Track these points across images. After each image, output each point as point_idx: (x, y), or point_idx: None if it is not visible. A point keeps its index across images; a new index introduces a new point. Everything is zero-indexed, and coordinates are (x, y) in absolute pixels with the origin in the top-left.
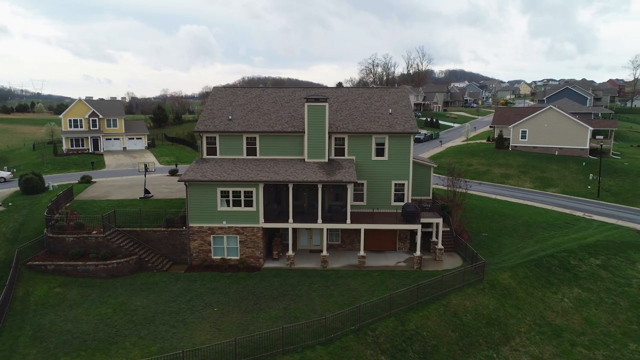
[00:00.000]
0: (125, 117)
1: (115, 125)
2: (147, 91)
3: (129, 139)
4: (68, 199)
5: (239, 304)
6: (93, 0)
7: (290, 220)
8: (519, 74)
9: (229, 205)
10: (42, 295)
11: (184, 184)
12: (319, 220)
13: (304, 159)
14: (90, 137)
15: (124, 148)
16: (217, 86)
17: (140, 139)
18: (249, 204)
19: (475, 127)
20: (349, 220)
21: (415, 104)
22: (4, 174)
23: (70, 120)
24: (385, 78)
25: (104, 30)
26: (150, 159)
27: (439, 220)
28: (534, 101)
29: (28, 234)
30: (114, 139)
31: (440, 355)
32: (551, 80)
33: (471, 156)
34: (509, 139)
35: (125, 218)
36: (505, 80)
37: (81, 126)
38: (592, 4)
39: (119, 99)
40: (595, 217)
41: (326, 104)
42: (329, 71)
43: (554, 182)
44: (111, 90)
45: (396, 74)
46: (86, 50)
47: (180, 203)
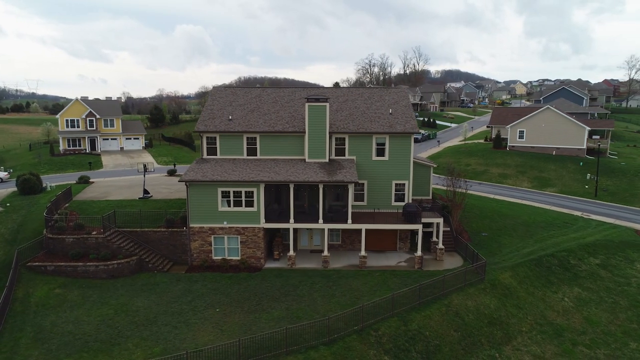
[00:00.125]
0: (123, 117)
1: (112, 125)
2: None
3: (127, 139)
4: (67, 200)
5: (241, 304)
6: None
7: (291, 220)
8: (515, 74)
9: (229, 206)
10: (43, 296)
11: (183, 184)
12: (320, 220)
13: (305, 159)
14: (88, 137)
15: (122, 148)
16: (217, 86)
17: (138, 139)
18: (249, 204)
19: (472, 127)
20: (350, 220)
21: (412, 104)
22: (1, 174)
23: (67, 120)
24: (382, 78)
25: (100, 30)
26: (148, 159)
27: (439, 220)
28: (530, 101)
29: (27, 235)
30: (111, 139)
31: (443, 355)
32: (547, 80)
33: (469, 156)
34: (506, 139)
35: (125, 218)
36: (501, 80)
37: (78, 126)
38: (587, 5)
39: (114, 99)
40: (594, 217)
41: (327, 104)
42: (326, 71)
43: (551, 182)
44: (106, 90)
45: (393, 74)
46: (81, 50)
47: (180, 203)
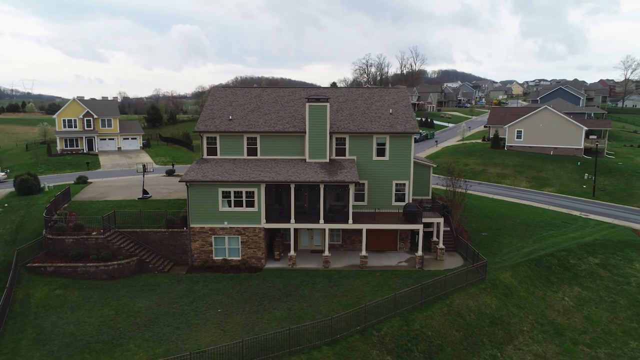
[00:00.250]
0: (120, 117)
1: (109, 125)
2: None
3: (124, 139)
4: (66, 200)
5: (242, 304)
6: None
7: (292, 220)
8: (511, 74)
9: (230, 206)
10: (43, 297)
11: (182, 185)
12: (321, 220)
13: (305, 159)
14: (85, 137)
15: (119, 148)
16: (217, 86)
17: (135, 139)
18: (250, 204)
19: (469, 127)
20: (350, 220)
21: None
22: None
23: (64, 120)
24: (379, 78)
25: (95, 30)
26: (146, 160)
27: (440, 220)
28: (526, 101)
29: (26, 236)
30: (109, 139)
31: (446, 354)
32: (542, 80)
33: (467, 156)
34: (504, 139)
35: (125, 219)
36: (497, 80)
37: (75, 126)
38: (582, 5)
39: (110, 99)
40: (592, 217)
41: (327, 104)
42: (322, 71)
43: (549, 182)
44: (102, 89)
45: (390, 74)
46: (77, 50)
47: (179, 203)
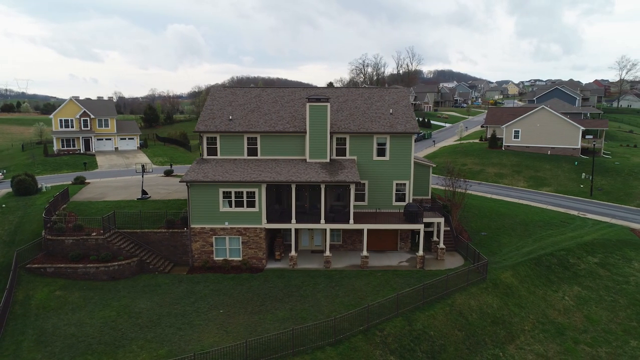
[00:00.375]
0: (117, 117)
1: (106, 125)
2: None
3: (121, 139)
4: (64, 201)
5: (244, 305)
6: None
7: (293, 220)
8: (506, 75)
9: (231, 206)
10: (43, 298)
11: (181, 185)
12: (322, 220)
13: (306, 159)
14: (82, 138)
15: (116, 148)
16: (216, 86)
17: (133, 139)
18: (251, 204)
19: (466, 127)
20: (351, 220)
21: None
22: None
23: (61, 120)
24: (375, 78)
25: (90, 29)
26: (144, 160)
27: (440, 220)
28: (523, 101)
29: (25, 237)
30: (106, 139)
31: (449, 354)
32: (538, 80)
33: (465, 156)
34: (502, 139)
35: (125, 219)
36: (493, 80)
37: (72, 126)
38: (577, 6)
39: (106, 99)
40: (590, 216)
41: (328, 104)
42: (318, 71)
43: (547, 181)
44: (97, 89)
45: (386, 74)
46: (71, 49)
47: (179, 204)
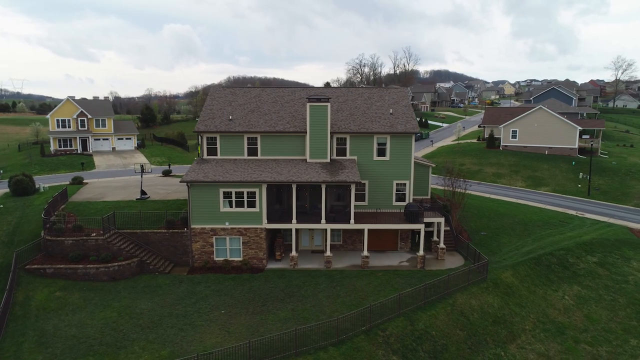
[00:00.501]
0: (114, 117)
1: (104, 125)
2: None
3: (118, 139)
4: (63, 201)
5: (246, 305)
6: None
7: (294, 221)
8: (502, 75)
9: (231, 206)
10: (43, 299)
11: (180, 185)
12: (323, 220)
13: (306, 159)
14: (79, 138)
15: (113, 148)
16: (216, 86)
17: (130, 139)
18: (252, 204)
19: (464, 127)
20: (352, 220)
21: None
22: None
23: (57, 120)
24: (372, 78)
25: (85, 29)
26: (141, 160)
27: (441, 220)
28: (519, 101)
29: (24, 237)
30: (103, 139)
31: (451, 354)
32: (534, 80)
33: (463, 156)
34: (499, 139)
35: (124, 220)
36: (489, 80)
37: (69, 126)
38: (573, 6)
39: (102, 99)
40: (588, 216)
41: (328, 104)
42: (314, 71)
43: (545, 181)
44: (93, 89)
45: (383, 74)
46: (67, 49)
47: (178, 204)
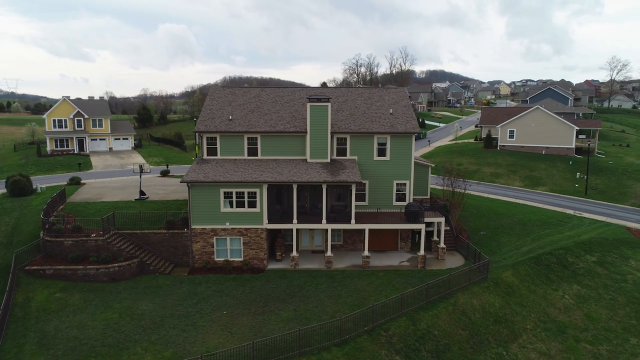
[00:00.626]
0: (111, 117)
1: (100, 125)
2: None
3: (115, 139)
4: (61, 201)
5: (247, 306)
6: None
7: (295, 221)
8: (498, 75)
9: (232, 207)
10: (43, 300)
11: (180, 185)
12: (324, 220)
13: (306, 159)
14: (76, 138)
15: (110, 149)
16: (214, 86)
17: (127, 139)
18: (252, 205)
19: (460, 127)
20: (353, 220)
21: None
22: None
23: (54, 120)
24: (368, 78)
25: (80, 29)
26: (139, 160)
27: (441, 220)
28: (515, 101)
29: (22, 238)
30: (100, 140)
31: (453, 353)
32: (529, 80)
33: (461, 155)
34: (497, 139)
35: (124, 220)
36: (485, 80)
37: (66, 126)
38: (567, 6)
39: (97, 99)
40: (586, 215)
41: (329, 104)
42: (311, 71)
43: (542, 181)
44: (88, 89)
45: (379, 74)
46: (62, 49)
47: (177, 204)
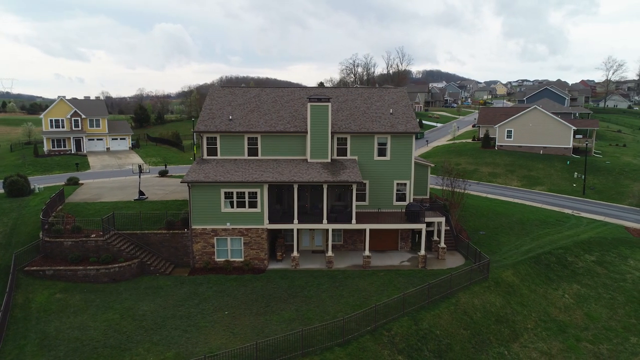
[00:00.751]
0: (108, 117)
1: (98, 125)
2: (121, 90)
3: (113, 139)
4: (60, 202)
5: (249, 306)
6: None
7: (295, 221)
8: (494, 75)
9: (232, 207)
10: (43, 301)
11: (179, 185)
12: (324, 220)
13: (307, 159)
14: (73, 138)
15: (108, 149)
16: (215, 85)
17: (124, 139)
18: (253, 205)
19: (458, 127)
20: (354, 220)
21: None
22: None
23: (51, 120)
24: (365, 78)
25: (75, 28)
26: (136, 160)
27: (441, 219)
28: (512, 101)
29: (21, 239)
30: (97, 140)
31: (455, 353)
32: (525, 80)
33: (459, 155)
34: (494, 139)
35: (124, 220)
36: (481, 80)
37: (63, 126)
38: (563, 7)
39: (93, 98)
40: (584, 215)
41: (329, 104)
42: (307, 71)
43: (540, 181)
44: (84, 89)
45: (376, 74)
46: (57, 49)
47: (177, 204)
